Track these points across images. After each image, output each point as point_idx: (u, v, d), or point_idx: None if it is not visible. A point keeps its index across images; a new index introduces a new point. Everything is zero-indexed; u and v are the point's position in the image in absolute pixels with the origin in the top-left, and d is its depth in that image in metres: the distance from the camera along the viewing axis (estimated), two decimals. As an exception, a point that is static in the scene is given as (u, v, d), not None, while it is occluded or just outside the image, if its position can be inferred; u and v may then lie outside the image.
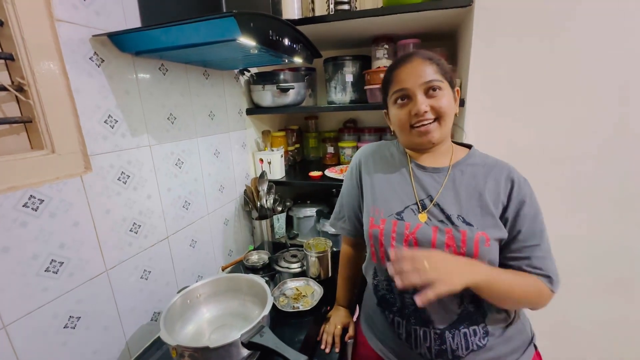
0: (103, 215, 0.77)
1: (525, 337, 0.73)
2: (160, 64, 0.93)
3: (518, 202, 0.67)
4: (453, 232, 0.66)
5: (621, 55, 0.96)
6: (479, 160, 0.73)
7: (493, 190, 0.68)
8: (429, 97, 0.68)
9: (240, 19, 0.66)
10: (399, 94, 0.70)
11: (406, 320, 0.73)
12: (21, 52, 0.61)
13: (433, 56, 0.70)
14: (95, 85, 0.75)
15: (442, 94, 0.68)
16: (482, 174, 0.71)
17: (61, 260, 0.68)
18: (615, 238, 1.10)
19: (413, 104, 0.68)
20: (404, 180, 0.76)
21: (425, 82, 0.67)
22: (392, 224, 0.72)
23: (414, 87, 0.68)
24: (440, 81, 0.68)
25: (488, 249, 0.65)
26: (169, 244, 0.99)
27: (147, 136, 0.89)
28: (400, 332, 0.74)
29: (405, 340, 0.74)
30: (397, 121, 0.72)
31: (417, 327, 0.71)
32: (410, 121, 0.69)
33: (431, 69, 0.68)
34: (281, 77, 1.31)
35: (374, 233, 0.74)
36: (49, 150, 0.66)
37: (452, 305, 0.68)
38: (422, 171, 0.75)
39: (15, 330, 0.61)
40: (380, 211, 0.76)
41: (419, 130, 0.69)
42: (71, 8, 0.68)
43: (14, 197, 0.60)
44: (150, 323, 0.93)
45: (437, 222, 0.69)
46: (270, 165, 1.42)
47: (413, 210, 0.72)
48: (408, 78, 0.68)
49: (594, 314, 1.19)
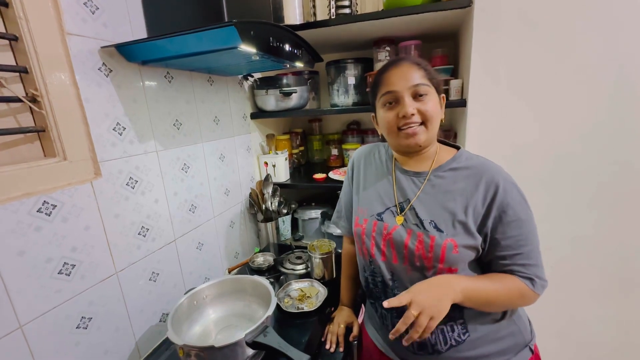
0: (112, 219, 0.80)
1: (520, 339, 0.72)
2: (165, 72, 0.96)
3: (501, 208, 0.65)
4: (423, 236, 0.68)
5: (621, 53, 0.95)
6: (464, 163, 0.72)
7: (471, 196, 0.67)
8: (416, 101, 0.69)
9: (240, 28, 0.68)
10: (387, 97, 0.71)
11: (390, 313, 0.76)
12: (34, 65, 0.64)
13: (421, 62, 0.71)
14: (104, 95, 0.78)
15: (429, 99, 0.69)
16: (462, 179, 0.70)
17: (73, 263, 0.71)
18: (622, 237, 1.08)
19: (401, 107, 0.69)
20: (388, 183, 0.79)
21: (412, 86, 0.68)
22: (373, 224, 0.76)
23: (402, 90, 0.68)
24: (427, 85, 0.69)
25: (456, 255, 0.66)
26: (176, 247, 1.01)
27: (154, 142, 0.92)
28: (387, 324, 0.78)
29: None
30: (385, 124, 0.72)
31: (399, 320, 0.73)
32: (397, 123, 0.70)
33: (419, 73, 0.69)
34: (284, 82, 1.33)
35: (357, 231, 0.80)
36: (61, 158, 0.69)
37: None
38: (404, 175, 0.77)
39: (31, 330, 0.64)
40: (364, 211, 0.80)
41: (406, 132, 0.69)
42: (80, 22, 0.72)
43: (29, 203, 0.63)
44: (159, 324, 0.95)
45: (412, 225, 0.71)
46: (275, 168, 1.44)
47: (392, 212, 0.75)
48: (397, 81, 0.69)
49: (601, 314, 1.17)
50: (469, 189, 0.68)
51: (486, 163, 0.71)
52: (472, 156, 0.74)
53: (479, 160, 0.72)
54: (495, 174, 0.68)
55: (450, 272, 0.67)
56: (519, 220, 0.66)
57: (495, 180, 0.67)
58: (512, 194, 0.66)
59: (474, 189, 0.68)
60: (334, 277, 1.14)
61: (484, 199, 0.67)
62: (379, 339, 0.83)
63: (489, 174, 0.68)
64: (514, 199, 0.66)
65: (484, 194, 0.67)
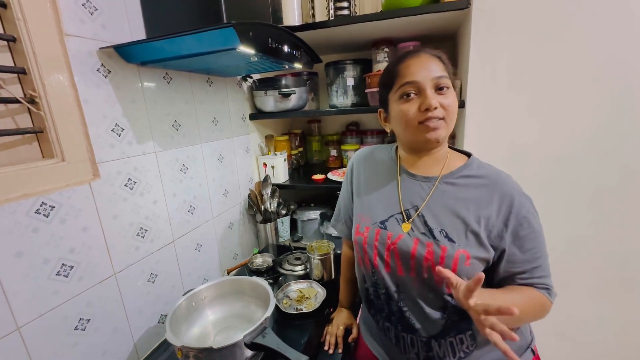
0: (111, 220, 0.80)
1: (522, 342, 0.72)
2: (164, 73, 0.96)
3: (518, 222, 0.63)
4: (433, 246, 0.65)
5: (621, 52, 0.95)
6: (476, 171, 0.68)
7: (485, 207, 0.64)
8: (437, 94, 0.64)
9: (239, 29, 0.69)
10: (406, 88, 0.64)
11: (394, 326, 0.74)
12: (33, 66, 0.64)
13: (440, 54, 0.67)
14: (103, 96, 0.77)
15: (450, 92, 0.64)
16: (475, 187, 0.66)
17: (71, 265, 0.71)
18: (620, 238, 1.08)
19: (423, 99, 0.63)
20: (392, 188, 0.74)
21: (435, 77, 0.63)
22: (375, 232, 0.72)
23: (424, 81, 0.63)
24: (448, 78, 0.64)
25: (468, 268, 0.63)
26: (174, 248, 1.01)
27: (153, 143, 0.92)
28: (390, 336, 0.75)
29: (395, 345, 0.75)
30: (401, 117, 0.66)
31: (405, 333, 0.72)
32: (418, 117, 0.64)
33: (439, 66, 0.65)
34: (283, 83, 1.33)
35: (358, 240, 0.75)
36: (59, 159, 0.69)
37: (435, 317, 0.67)
38: (411, 179, 0.72)
39: (29, 332, 0.64)
40: (365, 219, 0.75)
41: (427, 126, 0.63)
42: (79, 23, 0.72)
43: (27, 204, 0.63)
44: (158, 325, 0.95)
45: (420, 234, 0.67)
46: (274, 169, 1.44)
47: (397, 219, 0.71)
48: (418, 71, 0.63)
49: (599, 314, 1.17)
50: (482, 199, 0.65)
51: (500, 173, 0.68)
52: (484, 164, 0.71)
53: (492, 170, 0.69)
54: (510, 187, 0.65)
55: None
56: (534, 232, 0.64)
57: (510, 193, 0.64)
58: (527, 207, 0.64)
59: (488, 200, 0.65)
60: (333, 278, 1.14)
61: (498, 212, 0.64)
62: (380, 350, 0.81)
63: (503, 186, 0.65)
64: (529, 211, 0.64)
65: (498, 207, 0.64)
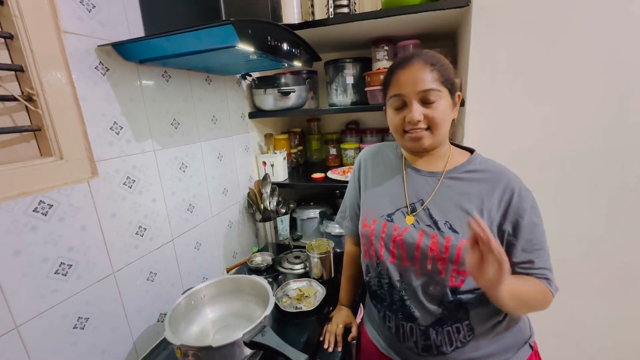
0: (110, 219, 0.80)
1: (520, 336, 0.73)
2: (163, 71, 0.95)
3: (517, 214, 0.66)
4: (438, 237, 0.68)
5: (621, 51, 0.95)
6: (479, 166, 0.72)
7: (487, 199, 0.67)
8: (424, 106, 0.67)
9: (238, 27, 0.68)
10: (394, 100, 0.70)
11: (395, 315, 0.76)
12: (30, 63, 0.63)
13: (435, 60, 0.67)
14: (101, 94, 0.77)
15: (437, 105, 0.66)
16: (478, 182, 0.70)
17: (70, 263, 0.71)
18: (621, 237, 1.08)
19: (408, 111, 0.68)
20: (398, 183, 0.78)
21: (422, 91, 0.66)
22: (382, 225, 0.75)
23: (410, 95, 0.67)
24: (437, 90, 0.66)
25: None
26: (174, 247, 1.01)
27: (152, 141, 0.92)
28: (390, 325, 0.78)
29: (395, 334, 0.77)
30: (391, 124, 0.73)
31: (404, 322, 0.74)
32: (403, 127, 0.70)
33: (430, 75, 0.66)
34: (282, 81, 1.33)
35: (365, 233, 0.78)
36: (57, 157, 0.69)
37: (432, 307, 0.70)
38: (417, 174, 0.76)
39: (27, 331, 0.64)
40: (372, 212, 0.78)
41: (410, 137, 0.69)
42: (77, 20, 0.71)
43: (25, 203, 0.62)
44: (157, 324, 0.95)
45: (425, 226, 0.70)
46: (273, 168, 1.44)
47: (403, 212, 0.74)
48: (406, 84, 0.67)
49: (598, 312, 1.17)
50: (485, 192, 0.68)
51: (502, 168, 0.71)
52: (486, 160, 0.74)
53: (495, 165, 0.72)
54: (511, 180, 0.68)
55: (462, 274, 0.67)
56: (533, 224, 0.66)
57: (511, 186, 0.67)
58: (527, 200, 0.67)
59: (490, 193, 0.68)
60: (333, 277, 1.14)
61: (499, 204, 0.67)
62: (380, 340, 0.83)
63: (505, 180, 0.68)
64: (529, 204, 0.67)
65: (499, 199, 0.67)
